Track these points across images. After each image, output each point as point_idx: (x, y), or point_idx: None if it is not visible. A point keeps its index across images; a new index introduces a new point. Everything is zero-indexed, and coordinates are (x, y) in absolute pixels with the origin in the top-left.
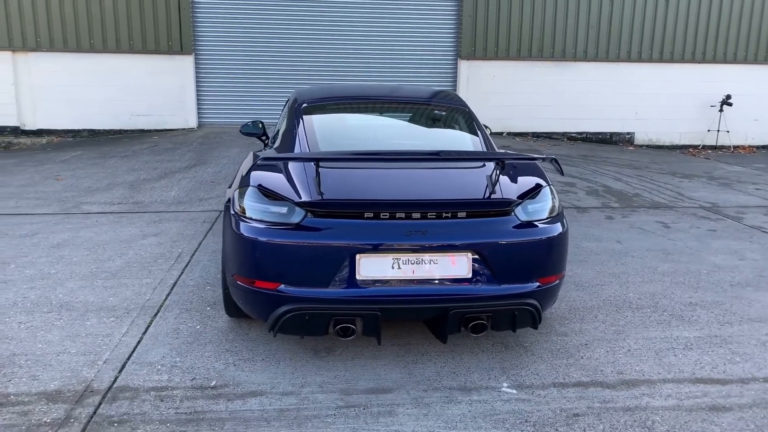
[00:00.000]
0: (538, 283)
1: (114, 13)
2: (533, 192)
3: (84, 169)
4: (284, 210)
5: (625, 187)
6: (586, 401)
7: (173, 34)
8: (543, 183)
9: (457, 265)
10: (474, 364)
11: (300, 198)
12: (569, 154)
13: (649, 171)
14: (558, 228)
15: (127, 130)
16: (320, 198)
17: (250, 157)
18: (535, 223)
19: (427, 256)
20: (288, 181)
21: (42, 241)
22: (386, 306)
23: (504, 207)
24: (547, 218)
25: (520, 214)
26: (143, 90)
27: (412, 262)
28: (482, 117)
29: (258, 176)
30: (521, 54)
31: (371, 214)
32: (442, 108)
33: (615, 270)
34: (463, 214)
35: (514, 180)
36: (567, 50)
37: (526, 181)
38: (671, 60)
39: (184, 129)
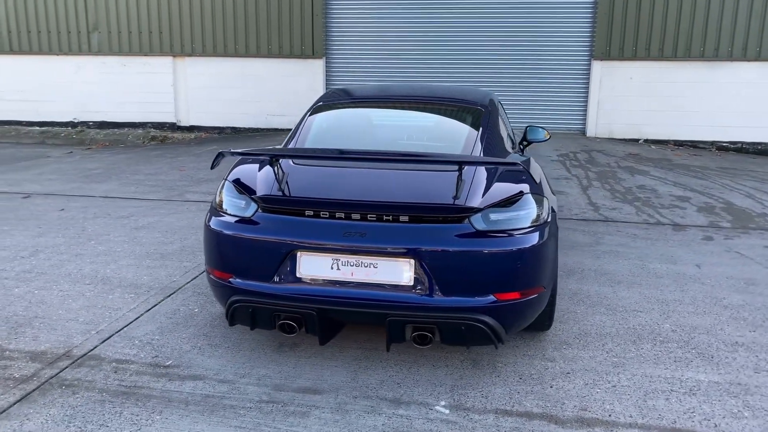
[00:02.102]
0: (493, 298)
1: (255, 21)
2: (511, 200)
3: (207, 162)
4: (243, 204)
5: (753, 206)
6: None
7: (306, 39)
8: (526, 191)
9: (398, 272)
10: (426, 378)
11: (256, 193)
12: (705, 166)
13: None
14: (529, 239)
15: (264, 129)
16: (268, 193)
17: None
18: (499, 232)
19: (367, 259)
20: (257, 176)
21: (130, 222)
22: (323, 306)
23: (452, 213)
24: (526, 228)
25: (478, 222)
26: (277, 91)
27: (352, 264)
28: (615, 122)
29: (238, 171)
30: (664, 53)
31: (311, 212)
32: (455, 108)
33: (667, 296)
34: (405, 219)
35: (488, 186)
36: (721, 48)
37: (504, 188)
38: None
39: None
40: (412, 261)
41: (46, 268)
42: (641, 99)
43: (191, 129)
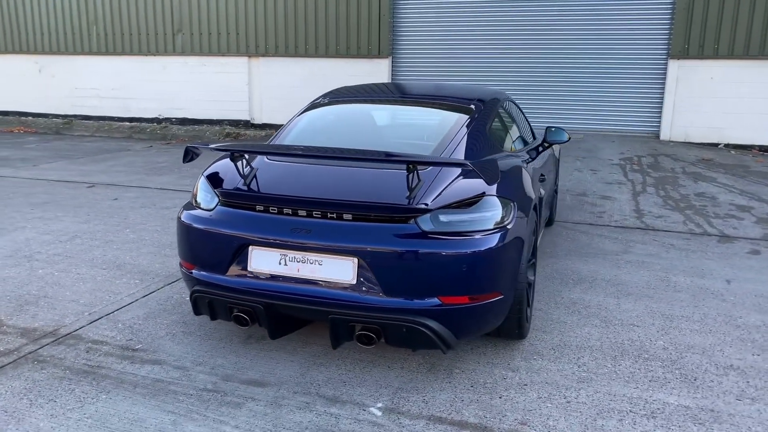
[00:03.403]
0: (438, 302)
1: (325, 22)
2: (471, 201)
3: None
4: (209, 198)
5: None
6: None
7: (372, 39)
8: (489, 192)
9: (342, 270)
10: (374, 378)
11: (220, 188)
12: None
13: None
14: (483, 243)
15: None
16: (226, 188)
17: None
18: (450, 234)
19: (312, 256)
20: (227, 172)
21: (170, 213)
22: (270, 301)
23: (396, 213)
24: (484, 230)
25: (425, 223)
26: None
27: (298, 260)
28: (692, 125)
29: (215, 166)
30: (749, 51)
31: (262, 208)
32: (444, 107)
33: (676, 312)
34: (349, 217)
35: (446, 187)
36: None
37: (464, 189)
38: None
39: None
40: (356, 260)
41: (75, 253)
42: (722, 101)
43: (263, 127)
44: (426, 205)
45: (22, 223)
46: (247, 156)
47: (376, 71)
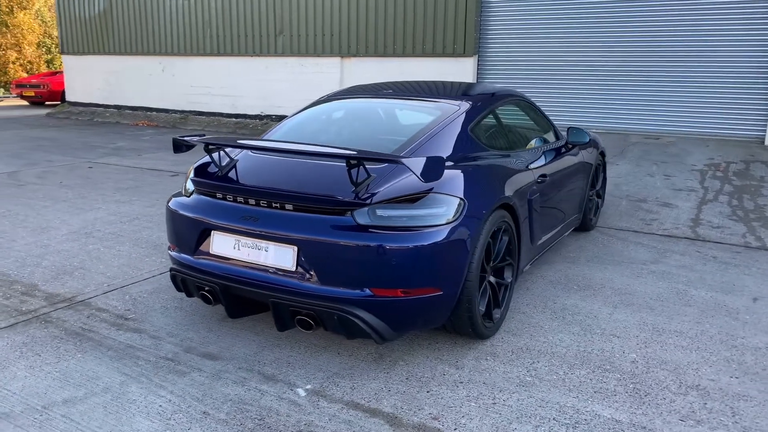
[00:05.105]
0: (369, 293)
1: (413, 23)
2: (416, 197)
3: None
4: (190, 186)
5: None
6: (344, 424)
7: (458, 39)
8: (436, 190)
9: (283, 257)
10: (318, 363)
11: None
12: None
13: None
14: (421, 238)
15: None
16: (196, 177)
17: None
18: (387, 229)
19: (260, 243)
20: (210, 162)
21: None
22: (225, 282)
23: (333, 206)
24: (426, 226)
25: (362, 217)
26: None
27: (249, 246)
28: None
29: (206, 158)
30: None
31: (221, 196)
32: (430, 106)
33: (670, 326)
34: (290, 207)
35: (393, 182)
36: None
37: (410, 186)
38: None
39: None
40: (295, 248)
41: (127, 232)
42: None
43: None
44: (363, 199)
45: (100, 204)
46: (226, 149)
47: (460, 70)
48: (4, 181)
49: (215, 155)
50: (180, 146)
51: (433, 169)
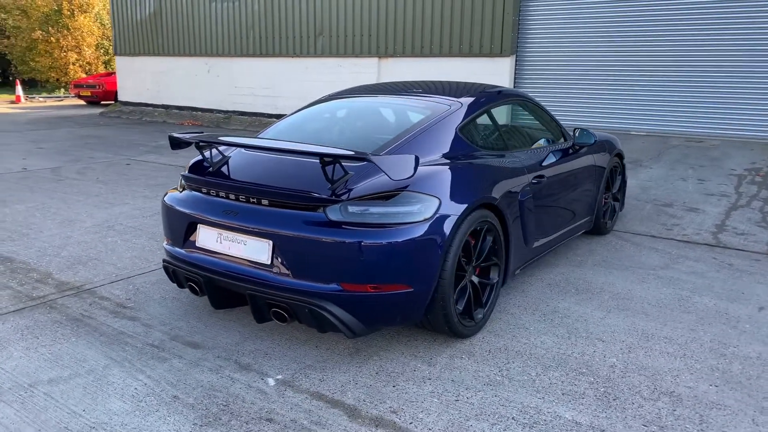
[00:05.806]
0: (339, 288)
1: (450, 22)
2: (390, 195)
3: None
4: (184, 182)
5: None
6: (304, 413)
7: (495, 38)
8: (410, 188)
9: (260, 251)
10: (295, 354)
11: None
12: None
13: None
14: (392, 235)
15: None
16: (187, 173)
17: None
18: (359, 225)
19: (239, 237)
20: (203, 159)
21: None
22: (208, 274)
23: (305, 202)
24: (398, 223)
25: (334, 213)
26: None
27: (229, 239)
28: None
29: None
30: None
31: (206, 191)
32: (419, 104)
33: (661, 333)
34: (266, 202)
35: (367, 180)
36: None
37: (384, 183)
38: None
39: None
40: (270, 242)
41: (146, 227)
42: None
43: None
44: (336, 195)
45: (128, 200)
46: (218, 147)
47: (497, 70)
48: (47, 176)
49: (206, 152)
50: (178, 144)
51: (404, 167)
